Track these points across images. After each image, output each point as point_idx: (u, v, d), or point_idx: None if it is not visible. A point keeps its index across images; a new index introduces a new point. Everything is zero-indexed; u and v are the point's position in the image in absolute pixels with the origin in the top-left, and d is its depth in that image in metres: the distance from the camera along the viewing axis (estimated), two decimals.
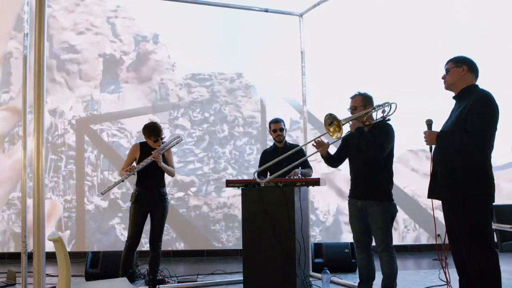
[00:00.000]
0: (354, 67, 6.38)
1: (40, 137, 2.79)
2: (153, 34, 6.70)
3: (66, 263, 2.54)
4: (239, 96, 6.64)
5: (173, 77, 6.65)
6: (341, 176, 6.39)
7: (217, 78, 6.65)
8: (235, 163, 6.57)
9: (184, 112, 6.61)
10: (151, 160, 4.03)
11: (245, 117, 6.63)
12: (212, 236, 6.44)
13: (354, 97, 3.63)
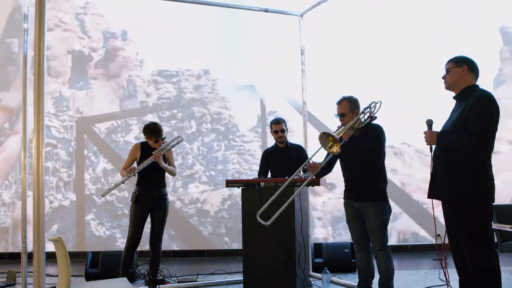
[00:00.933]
0: (354, 67, 6.38)
1: (40, 137, 2.79)
2: (121, 30, 6.72)
3: (66, 263, 2.55)
4: (205, 93, 6.67)
5: (141, 73, 6.68)
6: None
7: (184, 75, 6.67)
8: (202, 159, 6.61)
9: (152, 109, 6.65)
10: (151, 161, 4.02)
11: (212, 114, 6.65)
12: (189, 231, 6.48)
13: (340, 102, 3.59)
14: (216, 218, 6.46)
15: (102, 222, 6.36)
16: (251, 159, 6.56)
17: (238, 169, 6.55)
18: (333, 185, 6.44)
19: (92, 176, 6.48)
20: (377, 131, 3.51)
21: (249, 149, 6.56)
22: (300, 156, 4.47)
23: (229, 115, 6.65)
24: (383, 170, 3.55)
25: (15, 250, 6.21)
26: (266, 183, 3.89)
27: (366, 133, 3.48)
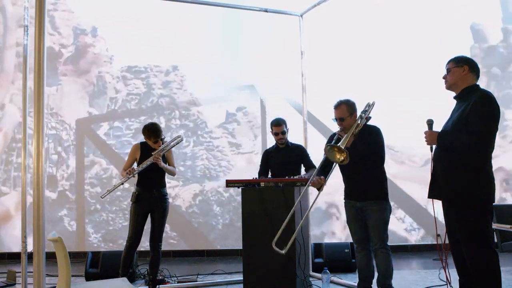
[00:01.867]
0: (354, 67, 6.38)
1: (40, 137, 2.79)
2: (91, 27, 6.73)
3: (66, 263, 2.55)
4: (174, 89, 6.68)
5: (110, 69, 6.69)
6: None
7: (153, 71, 6.69)
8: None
9: (121, 105, 6.65)
10: (151, 161, 4.02)
11: (181, 110, 6.67)
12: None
13: (338, 107, 3.57)
14: (188, 213, 6.50)
15: (74, 217, 6.40)
16: (220, 155, 6.60)
17: (207, 165, 6.59)
18: None
19: (66, 172, 6.50)
20: (376, 133, 3.54)
21: (217, 145, 6.59)
22: (301, 156, 4.47)
23: (197, 111, 6.68)
24: (383, 169, 3.58)
25: (15, 250, 6.21)
26: (266, 183, 3.89)
27: (364, 135, 3.49)
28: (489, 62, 6.61)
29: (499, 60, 6.60)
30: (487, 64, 6.60)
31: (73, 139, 6.54)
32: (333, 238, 6.38)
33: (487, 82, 6.59)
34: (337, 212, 6.47)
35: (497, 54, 6.59)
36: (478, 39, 6.71)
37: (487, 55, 6.66)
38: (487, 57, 6.64)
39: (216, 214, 6.49)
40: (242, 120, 6.68)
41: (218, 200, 6.50)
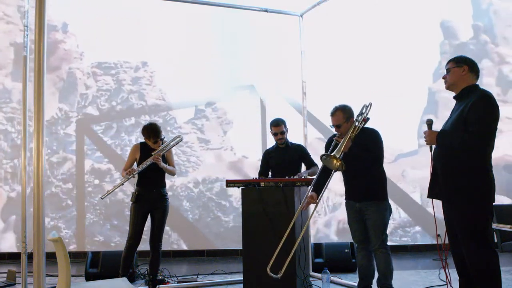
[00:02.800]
0: (354, 67, 6.39)
1: (40, 137, 2.79)
2: (62, 23, 6.74)
3: (66, 263, 2.55)
4: (143, 85, 6.70)
5: (80, 66, 6.70)
6: (249, 163, 6.53)
7: (123, 67, 6.72)
8: None
9: (92, 101, 6.66)
10: (151, 162, 4.02)
11: (150, 106, 6.69)
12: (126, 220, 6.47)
13: (334, 114, 3.58)
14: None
15: (46, 213, 6.34)
16: (189, 151, 6.63)
17: (176, 160, 6.57)
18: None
19: None
20: (373, 134, 3.56)
21: (186, 141, 6.62)
22: (301, 155, 4.47)
23: (166, 107, 6.71)
24: (382, 170, 3.59)
25: (15, 250, 6.21)
26: (266, 183, 3.89)
27: (362, 137, 3.48)
28: None
29: (469, 56, 6.59)
30: None
31: (45, 135, 6.55)
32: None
33: None
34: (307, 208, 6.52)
35: (467, 51, 6.59)
36: (448, 36, 6.74)
37: (457, 52, 6.64)
38: (457, 54, 6.61)
39: (186, 210, 6.51)
40: (211, 116, 6.73)
41: (188, 195, 6.53)
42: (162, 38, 6.52)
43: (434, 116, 6.36)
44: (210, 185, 6.56)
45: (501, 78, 6.62)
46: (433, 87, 6.61)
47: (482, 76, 6.44)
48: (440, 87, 6.41)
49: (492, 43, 6.68)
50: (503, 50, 6.66)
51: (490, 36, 6.70)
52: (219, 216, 6.50)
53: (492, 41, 6.69)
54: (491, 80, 6.57)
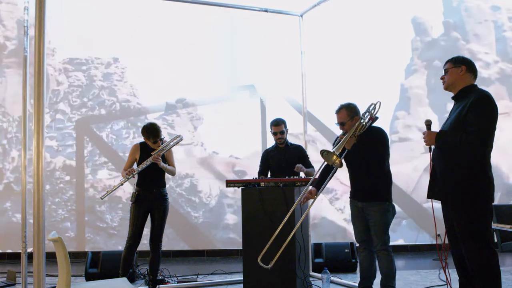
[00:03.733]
0: (354, 67, 6.39)
1: (40, 137, 2.79)
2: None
3: (66, 263, 2.55)
4: (115, 81, 6.72)
5: (52, 62, 6.71)
6: (219, 159, 6.57)
7: (94, 63, 6.74)
8: (112, 146, 6.69)
9: (63, 97, 6.68)
10: (151, 162, 4.02)
11: (121, 102, 6.70)
12: (98, 217, 6.52)
13: (338, 112, 3.57)
14: (127, 204, 6.49)
15: (18, 210, 6.37)
16: None
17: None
18: (244, 172, 6.53)
19: (11, 164, 6.54)
20: (378, 134, 3.50)
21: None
22: (300, 156, 4.47)
23: (137, 103, 6.72)
24: (386, 170, 3.54)
25: (15, 250, 6.21)
26: (266, 183, 3.89)
27: (366, 136, 3.45)
28: (430, 55, 6.67)
29: (440, 53, 6.66)
30: (428, 57, 6.67)
31: (16, 131, 6.59)
32: None
33: (427, 75, 6.66)
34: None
35: (438, 47, 6.64)
36: (419, 32, 6.76)
37: (428, 49, 6.74)
38: (428, 51, 6.71)
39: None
40: (181, 111, 6.75)
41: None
42: (135, 35, 6.51)
43: (405, 112, 6.42)
44: (180, 181, 6.57)
45: None
46: (405, 83, 6.64)
47: None
48: (412, 84, 6.47)
49: (463, 40, 6.71)
50: (474, 47, 6.70)
51: (461, 33, 6.74)
52: (188, 211, 6.52)
53: (463, 38, 6.73)
54: None
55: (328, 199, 6.57)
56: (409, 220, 6.43)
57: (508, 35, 6.71)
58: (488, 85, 6.47)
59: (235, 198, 6.50)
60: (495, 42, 6.71)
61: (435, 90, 6.48)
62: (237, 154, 6.65)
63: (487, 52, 6.68)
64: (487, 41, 6.72)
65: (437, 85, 6.52)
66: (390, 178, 3.55)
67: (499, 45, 6.71)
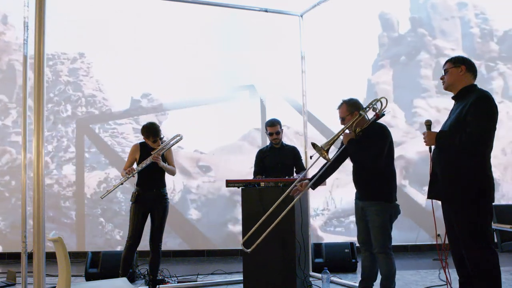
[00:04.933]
0: (354, 67, 6.39)
1: (40, 137, 2.79)
2: (2, 15, 6.74)
3: (66, 263, 2.55)
4: (80, 76, 6.72)
5: (20, 57, 6.61)
6: (184, 155, 6.57)
7: (60, 58, 6.75)
8: (77, 142, 6.70)
9: (31, 92, 6.62)
10: (150, 161, 4.02)
11: (87, 97, 6.71)
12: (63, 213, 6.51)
13: (340, 107, 3.56)
14: (92, 200, 6.54)
15: None
16: (124, 141, 6.67)
17: (114, 150, 6.69)
18: (208, 167, 6.54)
19: None
20: (377, 131, 3.44)
21: (122, 132, 6.65)
22: (294, 158, 4.47)
23: (103, 98, 6.72)
24: (388, 172, 3.45)
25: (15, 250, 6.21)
26: (266, 183, 3.89)
27: (370, 133, 3.42)
28: (397, 51, 6.69)
29: (407, 49, 6.67)
30: (395, 53, 6.69)
31: None
32: (238, 225, 6.42)
33: (394, 71, 6.67)
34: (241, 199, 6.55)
35: (405, 43, 6.64)
36: (386, 28, 6.77)
37: (395, 44, 6.75)
38: (395, 46, 6.73)
39: (120, 201, 6.51)
40: (146, 106, 6.77)
41: (121, 187, 6.48)
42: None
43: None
44: None
45: (438, 70, 6.63)
46: (372, 78, 6.65)
47: (419, 68, 6.58)
48: (379, 79, 6.47)
49: (430, 36, 6.72)
50: (441, 43, 6.72)
51: (427, 29, 6.75)
52: None
53: (430, 34, 6.74)
54: (428, 72, 6.63)
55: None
56: (409, 220, 6.43)
57: (474, 31, 6.75)
58: None
59: (199, 193, 6.54)
60: (462, 39, 6.76)
61: (401, 86, 6.52)
62: (202, 149, 6.65)
63: (453, 48, 6.71)
64: (454, 37, 6.75)
65: (403, 81, 6.61)
66: (391, 177, 3.47)
67: (465, 42, 6.75)
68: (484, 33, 6.74)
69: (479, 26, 6.75)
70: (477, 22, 6.77)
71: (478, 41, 6.73)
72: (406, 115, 6.41)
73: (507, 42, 6.71)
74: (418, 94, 6.49)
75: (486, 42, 6.72)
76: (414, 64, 6.65)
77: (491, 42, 6.72)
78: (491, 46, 6.71)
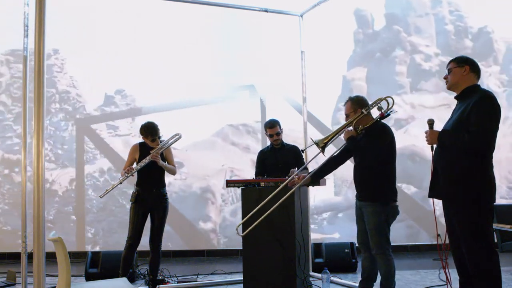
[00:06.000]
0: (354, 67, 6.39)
1: (40, 137, 2.79)
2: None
3: (66, 263, 2.55)
4: (54, 72, 6.70)
5: None
6: None
7: (33, 54, 6.70)
8: (49, 138, 6.66)
9: (5, 89, 6.67)
10: (149, 160, 4.02)
11: (60, 93, 6.70)
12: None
13: (345, 104, 3.58)
14: (64, 197, 6.54)
15: None
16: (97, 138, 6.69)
17: (85, 148, 6.69)
18: (180, 164, 6.54)
19: None
20: (379, 131, 3.42)
21: (95, 129, 6.64)
22: (295, 157, 4.47)
23: (76, 94, 6.72)
24: (387, 173, 3.43)
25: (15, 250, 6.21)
26: (266, 183, 3.89)
27: (372, 131, 3.41)
28: (372, 47, 6.70)
29: (382, 45, 6.69)
30: (370, 49, 6.69)
31: None
32: (209, 222, 6.46)
33: (368, 67, 6.67)
34: (212, 197, 6.59)
35: (380, 40, 6.65)
36: (361, 24, 6.77)
37: (371, 41, 6.76)
38: (370, 43, 6.75)
39: (91, 199, 6.51)
40: (120, 102, 6.76)
41: (93, 184, 6.54)
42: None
43: None
44: (115, 174, 6.52)
45: (413, 66, 6.69)
46: (347, 75, 6.64)
47: (394, 64, 6.60)
48: (354, 75, 6.47)
49: (405, 33, 6.74)
50: (415, 40, 6.74)
51: (402, 25, 6.75)
52: (123, 204, 6.45)
53: (405, 30, 6.74)
54: (403, 69, 6.65)
55: None
56: (409, 220, 6.44)
57: (449, 28, 6.77)
58: (428, 77, 6.54)
59: (170, 191, 6.45)
60: (436, 35, 6.77)
61: (376, 82, 6.54)
62: (175, 144, 6.63)
63: (428, 44, 6.74)
64: (428, 34, 6.78)
65: (378, 77, 6.62)
66: (389, 178, 3.45)
67: (440, 38, 6.77)
68: (459, 30, 6.77)
69: (453, 23, 6.78)
70: (451, 19, 6.81)
71: (453, 38, 6.75)
72: None
73: (482, 39, 6.74)
74: (393, 90, 6.42)
75: (460, 39, 6.75)
76: (389, 61, 6.66)
77: (465, 39, 6.76)
78: (466, 43, 6.75)
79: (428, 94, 6.37)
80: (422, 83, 6.56)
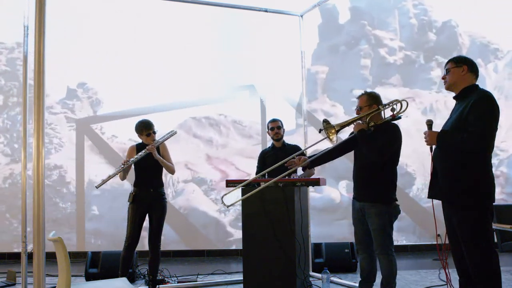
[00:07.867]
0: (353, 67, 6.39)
1: (40, 137, 2.79)
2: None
3: (66, 263, 2.55)
4: (18, 66, 6.64)
5: None
6: (117, 145, 6.57)
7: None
8: (6, 132, 6.65)
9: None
10: (145, 153, 4.04)
11: (19, 87, 6.58)
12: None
13: (360, 97, 3.55)
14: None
15: None
16: (52, 132, 6.63)
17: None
18: None
19: None
20: (390, 130, 3.40)
21: (51, 122, 6.61)
22: None
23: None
24: (390, 174, 3.43)
25: (15, 250, 6.21)
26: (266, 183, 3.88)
27: (380, 130, 3.39)
28: (337, 41, 6.68)
29: (347, 39, 6.68)
30: (335, 43, 6.68)
31: None
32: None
33: (332, 61, 6.65)
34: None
35: (344, 33, 6.64)
36: (326, 18, 6.74)
37: (335, 34, 6.74)
38: (335, 36, 6.73)
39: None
40: (82, 96, 6.74)
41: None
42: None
43: (313, 98, 6.37)
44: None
45: (377, 59, 6.69)
46: (311, 68, 6.64)
47: (359, 58, 6.58)
48: (319, 69, 6.46)
49: (370, 26, 6.73)
50: (380, 33, 6.73)
51: (367, 19, 6.75)
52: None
53: (370, 23, 6.74)
54: (368, 62, 6.64)
55: (202, 189, 6.60)
56: (409, 220, 6.43)
57: (413, 22, 6.77)
58: (392, 70, 6.53)
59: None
60: (401, 29, 6.77)
61: (341, 75, 6.53)
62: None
63: (392, 38, 6.73)
64: (393, 28, 6.77)
65: (342, 71, 6.59)
66: (392, 178, 3.45)
67: (404, 32, 6.77)
68: (423, 23, 6.77)
69: (418, 17, 6.78)
70: (416, 12, 6.80)
71: (417, 31, 6.75)
72: (345, 105, 6.27)
73: (446, 33, 6.74)
74: (357, 83, 6.43)
75: (425, 32, 6.75)
76: (353, 54, 6.66)
77: (430, 32, 6.74)
78: (430, 36, 6.73)
79: (392, 88, 6.40)
80: (387, 77, 6.59)
